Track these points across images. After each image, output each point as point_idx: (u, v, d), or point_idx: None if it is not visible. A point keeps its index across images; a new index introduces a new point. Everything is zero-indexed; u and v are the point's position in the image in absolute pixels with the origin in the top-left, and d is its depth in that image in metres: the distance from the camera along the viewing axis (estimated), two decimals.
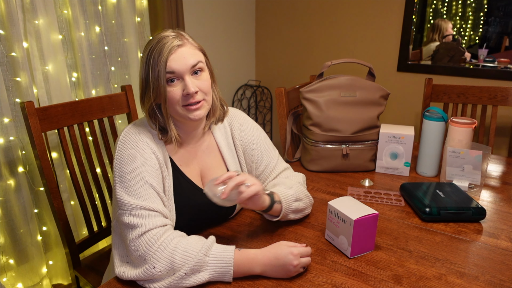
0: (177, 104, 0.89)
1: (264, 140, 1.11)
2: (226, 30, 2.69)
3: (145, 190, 0.86)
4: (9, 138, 1.55)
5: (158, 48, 0.87)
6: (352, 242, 0.89)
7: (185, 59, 0.88)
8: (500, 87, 1.75)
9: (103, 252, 1.39)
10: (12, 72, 1.52)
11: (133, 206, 0.84)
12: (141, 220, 0.83)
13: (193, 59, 0.89)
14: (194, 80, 0.89)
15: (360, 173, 1.42)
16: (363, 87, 1.39)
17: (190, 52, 0.89)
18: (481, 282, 0.83)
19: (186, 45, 0.89)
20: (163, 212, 0.87)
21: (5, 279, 1.61)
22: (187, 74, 0.88)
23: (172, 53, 0.86)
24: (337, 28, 2.58)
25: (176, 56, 0.87)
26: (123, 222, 0.84)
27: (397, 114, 2.49)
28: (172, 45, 0.87)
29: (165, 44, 0.87)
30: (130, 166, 0.87)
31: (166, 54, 0.86)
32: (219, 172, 1.03)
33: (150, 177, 0.87)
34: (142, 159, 0.88)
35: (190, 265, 0.79)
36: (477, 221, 1.08)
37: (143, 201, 0.84)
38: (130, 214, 0.84)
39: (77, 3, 1.69)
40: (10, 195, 1.58)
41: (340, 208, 0.92)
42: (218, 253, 0.82)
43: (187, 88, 0.87)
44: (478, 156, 1.22)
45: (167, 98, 0.88)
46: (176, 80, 0.88)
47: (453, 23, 2.19)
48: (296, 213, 1.03)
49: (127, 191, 0.85)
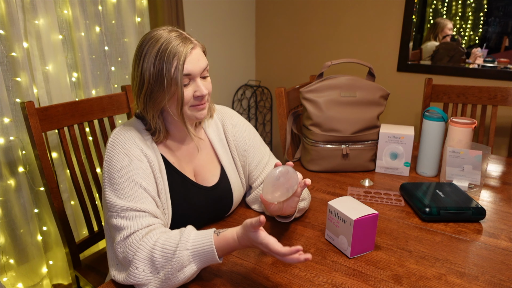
0: (187, 105, 0.90)
1: (256, 136, 1.13)
2: (226, 30, 2.69)
3: (133, 191, 0.85)
4: (9, 138, 1.55)
5: (172, 50, 0.85)
6: (352, 242, 0.89)
7: (199, 62, 0.89)
8: (500, 87, 1.75)
9: (103, 252, 1.39)
10: (12, 72, 1.52)
11: (120, 207, 0.83)
12: (128, 221, 0.82)
13: (204, 62, 0.91)
14: (203, 81, 0.92)
15: (360, 173, 1.42)
16: (363, 87, 1.39)
17: (201, 55, 0.91)
18: (481, 282, 0.83)
19: (196, 47, 0.90)
20: (153, 212, 0.86)
21: (5, 279, 1.61)
22: (198, 77, 0.90)
23: (188, 55, 0.87)
24: (337, 28, 2.58)
25: (192, 58, 0.88)
26: (111, 224, 0.84)
27: (397, 114, 2.49)
28: (188, 47, 0.87)
29: (178, 46, 0.86)
30: (119, 167, 0.86)
31: (183, 56, 0.85)
32: (212, 168, 1.04)
33: (140, 177, 0.87)
34: (130, 159, 0.87)
35: (174, 265, 0.77)
36: (477, 221, 1.08)
37: (131, 202, 0.84)
38: (118, 216, 0.83)
39: (77, 3, 1.69)
40: (10, 195, 1.58)
41: (340, 208, 0.92)
42: (197, 243, 0.79)
43: (200, 90, 0.89)
44: (478, 156, 1.22)
45: (179, 98, 0.88)
46: (188, 81, 0.89)
47: (453, 23, 2.19)
48: (300, 212, 1.06)
49: (116, 192, 0.85)
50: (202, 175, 1.02)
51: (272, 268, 0.88)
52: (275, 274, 0.86)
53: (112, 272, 0.86)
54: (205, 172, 1.02)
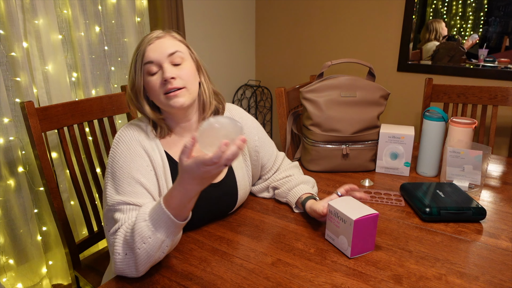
0: (159, 94, 0.92)
1: (263, 131, 1.19)
2: (226, 30, 2.69)
3: (131, 186, 0.87)
4: (9, 138, 1.55)
5: (139, 43, 0.94)
6: (352, 242, 0.89)
7: (162, 48, 0.92)
8: (500, 87, 1.75)
9: (103, 252, 1.39)
10: (12, 72, 1.52)
11: (116, 201, 0.86)
12: (121, 215, 0.85)
13: (172, 48, 0.92)
14: (173, 68, 0.92)
15: (360, 173, 1.42)
16: (363, 87, 1.39)
17: (170, 43, 0.93)
18: (481, 282, 0.83)
19: (165, 37, 0.94)
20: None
21: (5, 279, 1.61)
22: (166, 62, 0.91)
23: (150, 43, 0.92)
24: (337, 28, 2.58)
25: (154, 46, 0.92)
26: (106, 217, 0.88)
27: (397, 114, 2.49)
28: (151, 37, 0.93)
29: (146, 37, 0.94)
30: (120, 164, 0.89)
31: (144, 45, 0.92)
32: None
33: (140, 174, 0.89)
34: (132, 156, 0.90)
35: (137, 238, 0.77)
36: (477, 221, 1.08)
37: (127, 197, 0.86)
38: (114, 209, 0.86)
39: (77, 3, 1.69)
40: (10, 195, 1.58)
41: (340, 208, 0.92)
42: (152, 211, 0.78)
43: (164, 74, 0.90)
44: (478, 156, 1.22)
45: (149, 88, 0.93)
46: (156, 70, 0.92)
47: (453, 23, 2.19)
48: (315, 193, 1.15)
49: (115, 188, 0.88)
50: None
51: (272, 268, 0.87)
52: (275, 274, 0.86)
53: (112, 265, 0.86)
54: None
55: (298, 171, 1.23)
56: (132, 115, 1.50)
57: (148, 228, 0.77)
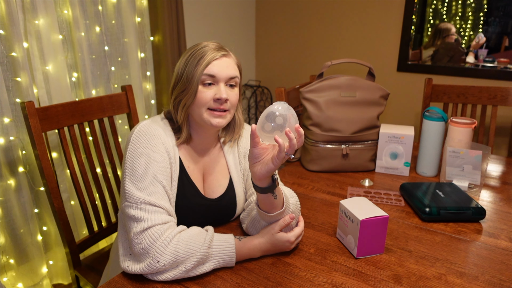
0: (204, 106, 0.92)
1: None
2: (226, 30, 2.69)
3: (154, 186, 0.87)
4: (10, 138, 1.55)
5: (202, 51, 0.92)
6: (359, 243, 0.89)
7: (227, 68, 0.93)
8: (500, 87, 1.75)
9: (103, 252, 1.39)
10: (12, 72, 1.52)
11: (140, 200, 0.85)
12: (147, 214, 0.84)
13: (234, 71, 0.95)
14: (228, 90, 0.94)
15: (360, 173, 1.42)
16: (363, 87, 1.39)
17: (232, 65, 0.95)
18: (480, 282, 0.83)
19: (230, 57, 0.95)
20: (169, 210, 0.88)
21: (5, 279, 1.61)
22: (223, 82, 0.93)
23: (216, 58, 0.92)
24: (337, 28, 2.58)
25: (220, 62, 0.92)
26: (128, 214, 0.86)
27: (397, 114, 2.49)
28: (217, 52, 0.93)
29: (211, 49, 0.93)
30: (143, 161, 0.88)
31: (210, 57, 0.91)
32: (221, 178, 1.04)
33: (160, 174, 0.89)
34: (155, 155, 0.90)
35: (196, 259, 0.82)
36: (477, 221, 1.08)
37: (151, 197, 0.86)
38: (137, 207, 0.85)
39: (77, 3, 1.69)
40: (10, 195, 1.58)
41: (350, 207, 0.92)
42: (220, 244, 0.86)
43: (220, 93, 0.91)
44: (477, 156, 1.22)
45: (197, 97, 0.92)
46: (212, 84, 0.92)
47: (453, 23, 2.19)
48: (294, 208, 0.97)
49: (136, 185, 0.87)
50: (209, 183, 1.03)
51: (272, 268, 0.88)
52: (275, 274, 0.86)
53: (125, 263, 0.85)
54: (213, 181, 1.03)
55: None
56: (132, 115, 1.50)
57: (209, 256, 0.85)
